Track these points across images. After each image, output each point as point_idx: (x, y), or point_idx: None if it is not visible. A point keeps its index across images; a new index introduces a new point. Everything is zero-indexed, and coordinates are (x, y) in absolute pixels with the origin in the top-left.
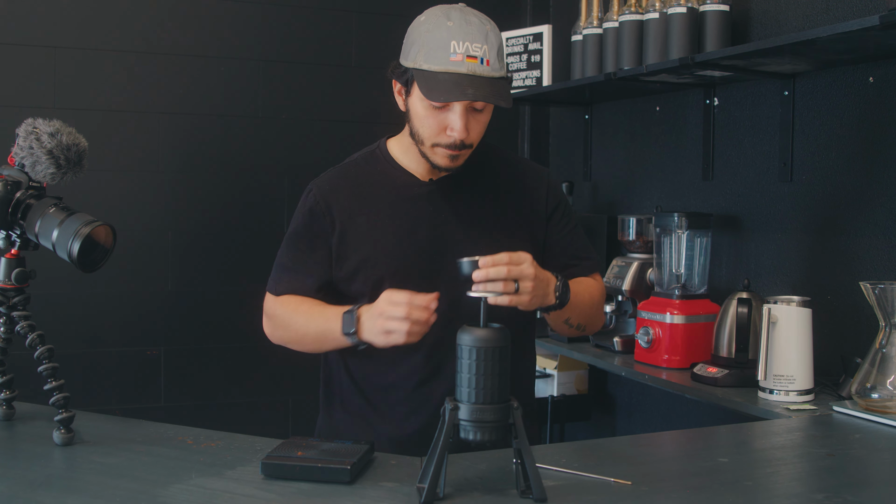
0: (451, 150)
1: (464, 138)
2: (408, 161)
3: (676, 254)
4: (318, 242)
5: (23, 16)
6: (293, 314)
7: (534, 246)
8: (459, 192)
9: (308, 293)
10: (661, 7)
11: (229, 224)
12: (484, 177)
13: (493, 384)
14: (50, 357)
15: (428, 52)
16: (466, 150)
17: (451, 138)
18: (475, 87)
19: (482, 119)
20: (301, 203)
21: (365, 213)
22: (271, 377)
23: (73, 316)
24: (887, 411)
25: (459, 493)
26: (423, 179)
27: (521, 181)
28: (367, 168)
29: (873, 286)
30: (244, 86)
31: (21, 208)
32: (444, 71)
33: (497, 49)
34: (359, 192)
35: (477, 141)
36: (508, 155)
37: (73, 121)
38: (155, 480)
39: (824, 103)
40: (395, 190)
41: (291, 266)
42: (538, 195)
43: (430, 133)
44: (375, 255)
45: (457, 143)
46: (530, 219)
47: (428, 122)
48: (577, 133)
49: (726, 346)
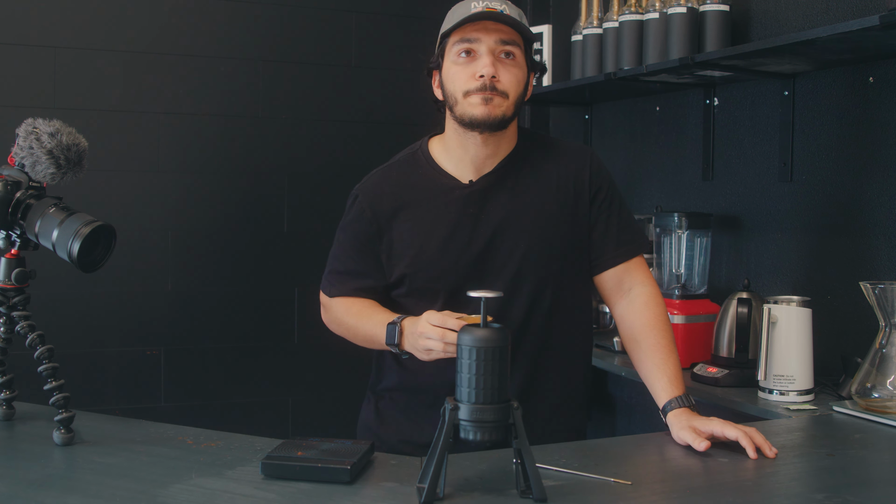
0: (483, 92)
1: (494, 75)
2: (449, 163)
3: (676, 254)
4: (367, 248)
5: (23, 16)
6: (346, 315)
7: (576, 233)
8: (501, 190)
9: (361, 296)
10: (661, 7)
11: (229, 224)
12: (525, 167)
13: (493, 384)
14: (50, 357)
15: (451, 15)
16: (500, 96)
17: (481, 81)
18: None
19: (512, 69)
20: (348, 208)
21: (409, 219)
22: (271, 377)
23: (73, 316)
24: (887, 411)
25: (459, 493)
26: (464, 182)
27: (564, 166)
28: (409, 170)
29: (873, 286)
30: (244, 86)
31: (21, 208)
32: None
33: (519, 14)
34: (401, 196)
35: (512, 90)
36: (548, 139)
37: (73, 121)
38: (155, 480)
39: (824, 103)
40: (437, 194)
41: (343, 270)
42: (582, 177)
43: (461, 83)
44: (420, 262)
45: (487, 84)
46: (575, 204)
47: (458, 74)
48: (577, 133)
49: (726, 346)
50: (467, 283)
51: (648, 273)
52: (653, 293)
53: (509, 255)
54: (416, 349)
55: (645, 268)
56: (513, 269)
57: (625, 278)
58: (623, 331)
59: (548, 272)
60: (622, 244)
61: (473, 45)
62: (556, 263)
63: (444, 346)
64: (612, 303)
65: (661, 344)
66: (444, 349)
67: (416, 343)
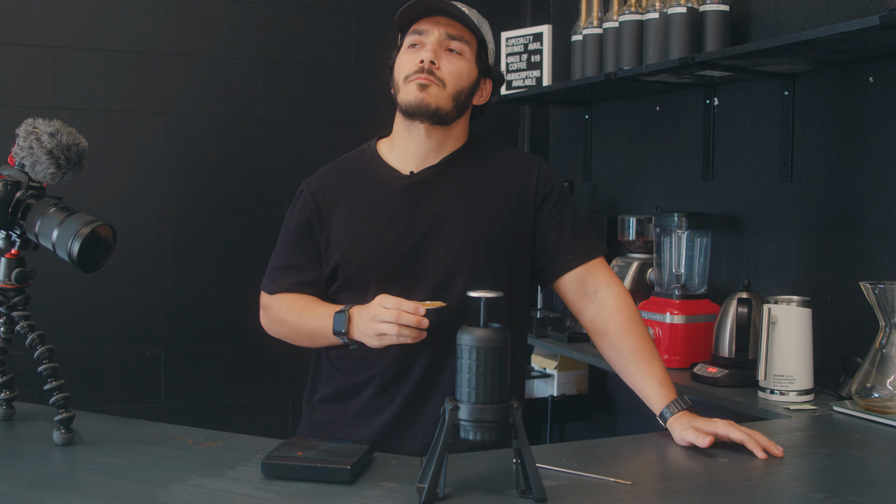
0: (420, 76)
1: (431, 59)
2: (393, 157)
3: (676, 254)
4: (307, 241)
5: (23, 16)
6: (288, 312)
7: (517, 235)
8: (443, 183)
9: (302, 291)
10: (661, 7)
11: (229, 224)
12: (468, 165)
13: (492, 384)
14: (50, 357)
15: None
16: (436, 84)
17: (420, 66)
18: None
19: (455, 62)
20: (293, 203)
21: (348, 208)
22: (271, 377)
23: (73, 316)
24: (887, 411)
25: (459, 493)
26: (405, 173)
27: (510, 169)
28: (355, 165)
29: (873, 286)
30: (244, 86)
31: (21, 208)
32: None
33: (478, 18)
34: (344, 188)
35: (450, 82)
36: (500, 146)
37: (73, 121)
38: (155, 480)
39: (824, 103)
40: (377, 185)
41: (284, 265)
42: (527, 183)
43: (404, 69)
44: (353, 250)
45: (425, 68)
46: (518, 207)
47: (403, 62)
48: (577, 133)
49: (726, 346)
50: (400, 274)
51: (611, 273)
52: (620, 293)
53: (444, 248)
54: (366, 334)
55: (607, 269)
56: (447, 262)
57: (587, 281)
58: (596, 337)
59: (482, 269)
60: (578, 247)
61: (422, 38)
62: (491, 261)
63: (398, 328)
64: (578, 309)
65: (642, 347)
66: (399, 332)
67: (368, 327)
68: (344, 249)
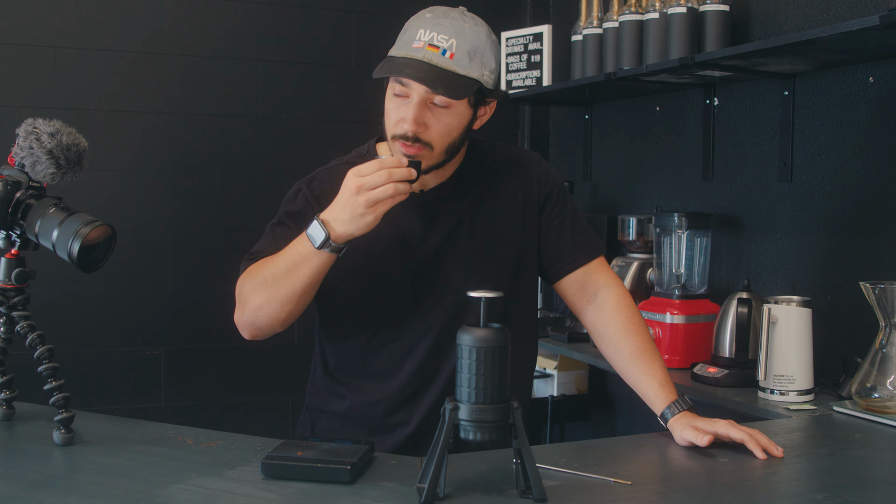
0: (405, 143)
1: (415, 131)
2: None
3: (676, 254)
4: (292, 232)
5: (23, 16)
6: (258, 270)
7: (525, 240)
8: (447, 200)
9: None
10: (661, 7)
11: (229, 224)
12: (471, 177)
13: (493, 384)
14: (50, 357)
15: (399, 40)
16: (425, 148)
17: (404, 130)
18: (419, 71)
19: (444, 118)
20: (288, 200)
21: None
22: (271, 377)
23: (73, 316)
24: (887, 411)
25: (459, 493)
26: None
27: (511, 172)
28: None
29: (873, 286)
30: (244, 86)
31: (21, 208)
32: (403, 56)
33: (471, 49)
34: None
35: (438, 141)
36: (497, 147)
37: (73, 121)
38: (155, 480)
39: (824, 103)
40: None
41: (258, 250)
42: (529, 182)
43: (390, 124)
44: (363, 267)
45: (408, 135)
46: (522, 212)
47: (389, 114)
48: (577, 133)
49: (726, 346)
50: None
51: (612, 273)
52: (620, 294)
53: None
54: (356, 217)
55: (607, 268)
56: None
57: (587, 282)
58: (597, 338)
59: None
60: (578, 247)
61: (406, 89)
62: (507, 274)
63: (394, 186)
64: (579, 310)
65: (643, 348)
66: (396, 189)
67: (356, 207)
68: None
